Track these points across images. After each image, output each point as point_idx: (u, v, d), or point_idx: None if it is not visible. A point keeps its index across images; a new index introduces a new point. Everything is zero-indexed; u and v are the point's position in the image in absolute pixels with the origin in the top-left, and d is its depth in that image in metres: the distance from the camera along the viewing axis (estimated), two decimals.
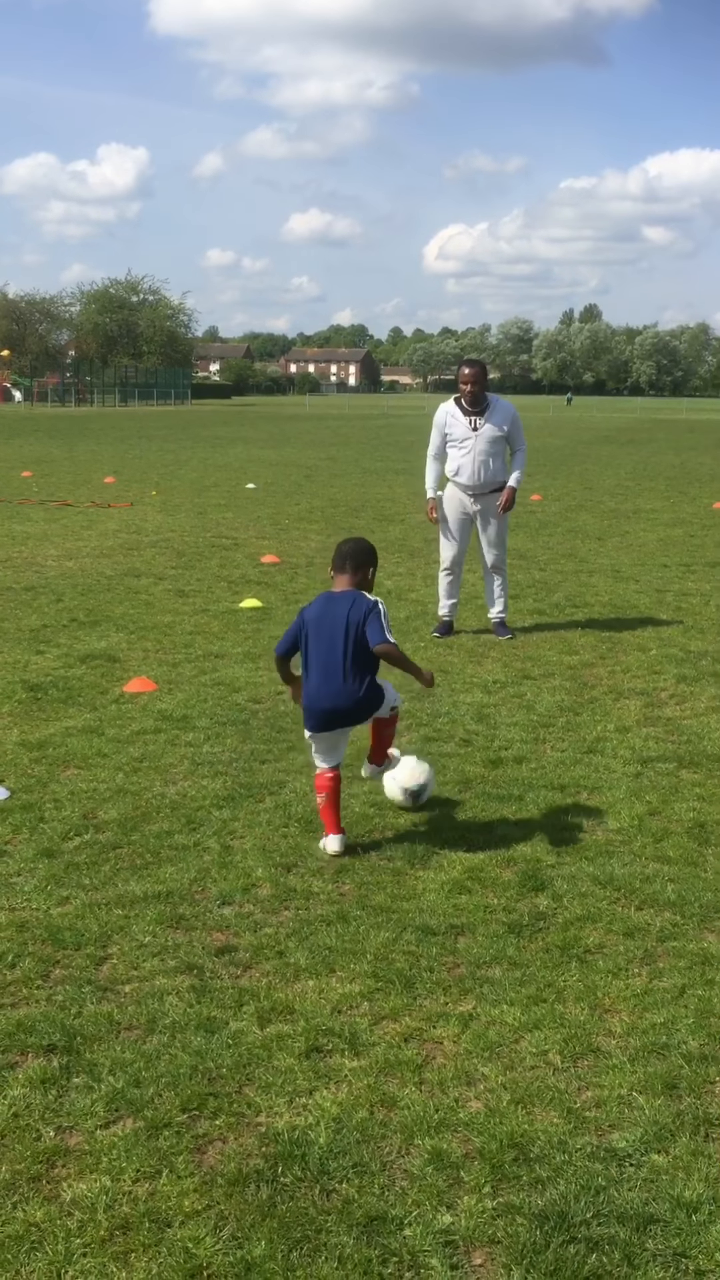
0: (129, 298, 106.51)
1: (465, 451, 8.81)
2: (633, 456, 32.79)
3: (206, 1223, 2.72)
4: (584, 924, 4.25)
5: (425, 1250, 2.64)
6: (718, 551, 13.87)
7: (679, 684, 7.66)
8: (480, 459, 8.79)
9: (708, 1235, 2.68)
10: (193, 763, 5.96)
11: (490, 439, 8.78)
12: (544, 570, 12.29)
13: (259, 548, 13.67)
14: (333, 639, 4.85)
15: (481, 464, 8.81)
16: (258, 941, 4.09)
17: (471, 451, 8.79)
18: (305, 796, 5.48)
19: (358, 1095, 3.21)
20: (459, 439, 8.82)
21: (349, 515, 17.06)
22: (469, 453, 8.80)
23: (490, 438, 8.77)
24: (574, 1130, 3.07)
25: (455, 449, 8.87)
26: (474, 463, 8.81)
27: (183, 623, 9.40)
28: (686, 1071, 3.32)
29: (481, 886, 4.56)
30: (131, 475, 23.88)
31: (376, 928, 4.19)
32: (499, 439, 8.82)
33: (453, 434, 8.85)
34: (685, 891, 4.51)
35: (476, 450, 8.77)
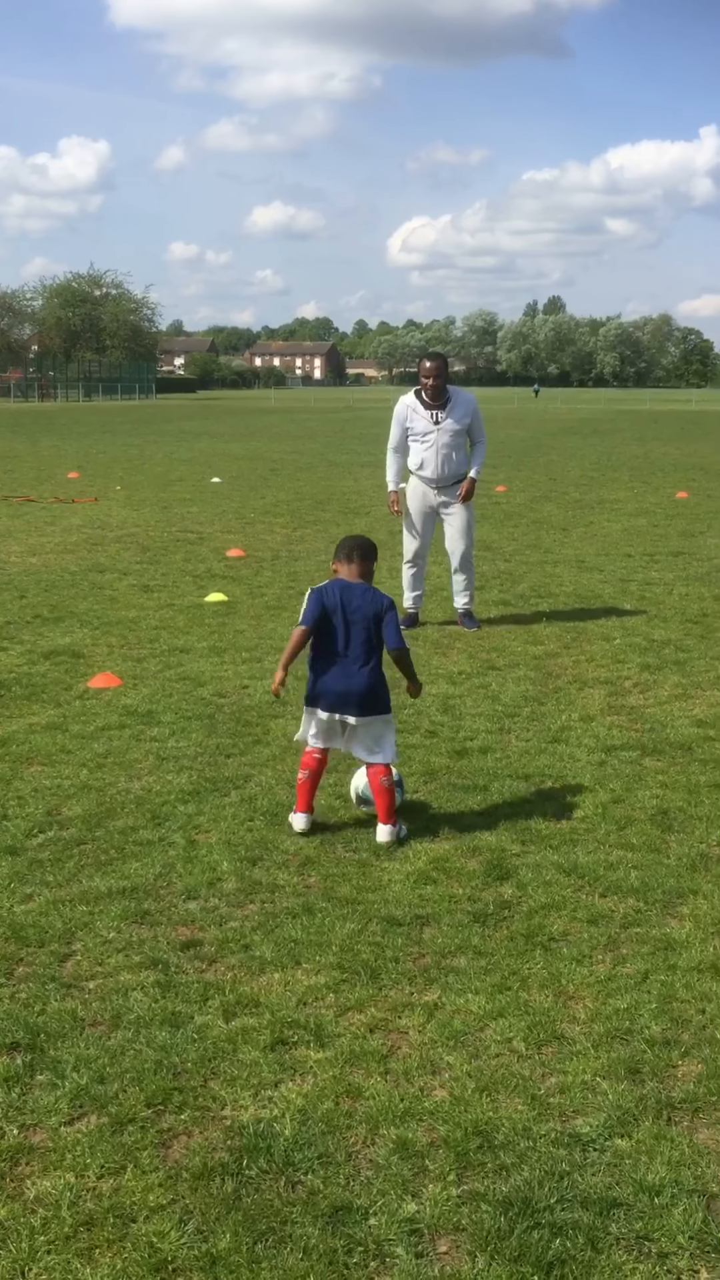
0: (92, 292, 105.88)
1: (428, 445, 8.83)
2: (597, 447, 32.94)
3: (171, 1217, 2.71)
4: (548, 912, 4.27)
5: (390, 1239, 2.65)
6: (681, 541, 13.96)
7: (642, 672, 7.70)
8: (443, 453, 8.81)
9: (670, 1218, 2.71)
10: (157, 758, 5.94)
11: (452, 432, 8.80)
12: (509, 561, 12.33)
13: (224, 542, 13.63)
14: (353, 627, 4.99)
15: (444, 458, 8.83)
16: (223, 935, 4.08)
17: (434, 445, 8.80)
18: (271, 790, 5.48)
19: (323, 1087, 3.21)
20: (421, 433, 8.83)
21: (315, 508, 17.04)
22: (431, 446, 8.82)
23: (452, 431, 8.80)
24: (538, 1117, 3.08)
25: (417, 443, 8.87)
26: (437, 456, 8.82)
27: (147, 618, 9.37)
28: (649, 1056, 3.35)
29: (446, 877, 4.57)
30: (96, 470, 23.74)
31: (342, 919, 4.20)
32: (460, 432, 8.85)
33: (414, 428, 8.86)
34: (648, 878, 4.54)
35: (439, 444, 8.79)
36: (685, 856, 4.76)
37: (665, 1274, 2.57)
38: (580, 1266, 2.57)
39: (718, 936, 4.09)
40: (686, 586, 10.88)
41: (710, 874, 4.60)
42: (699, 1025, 3.52)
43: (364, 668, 4.96)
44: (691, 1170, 2.87)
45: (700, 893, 4.42)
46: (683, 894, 4.42)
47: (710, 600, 10.22)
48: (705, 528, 15.19)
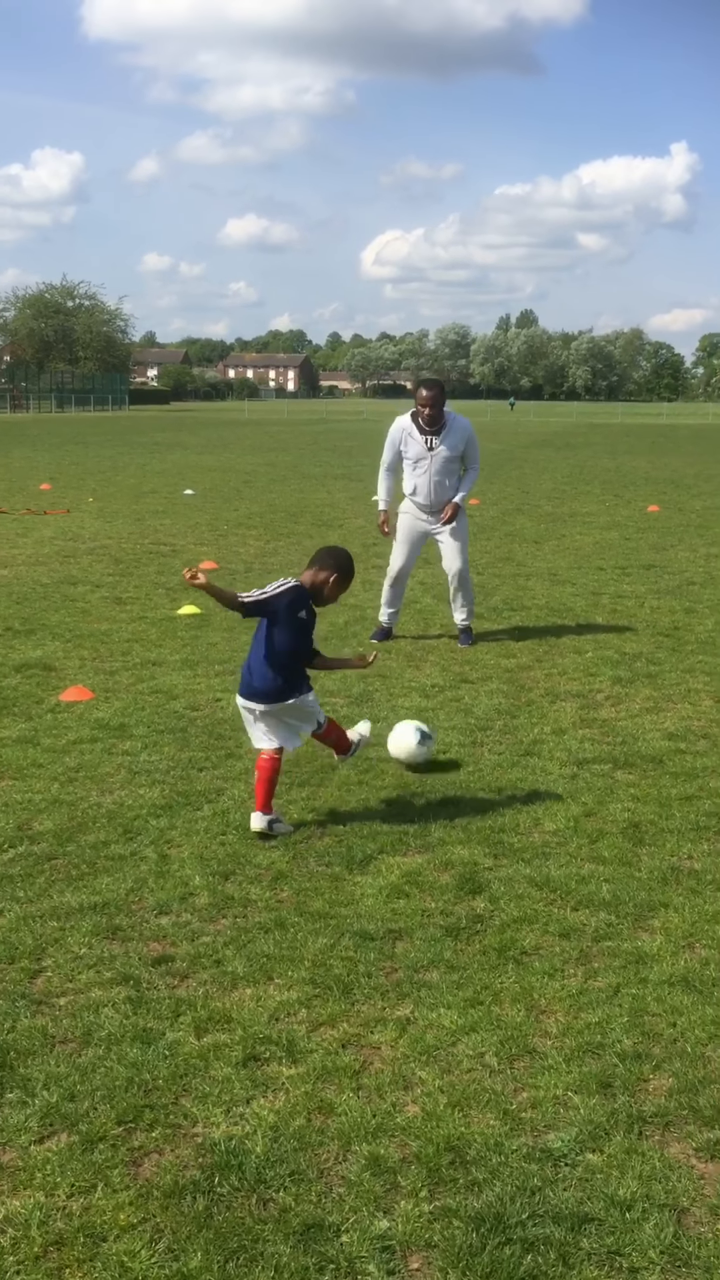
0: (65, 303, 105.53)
1: (421, 472, 8.79)
2: (569, 460, 33.12)
3: (142, 1236, 2.69)
4: (520, 926, 4.28)
5: (362, 1256, 2.64)
6: (652, 554, 14.04)
7: (614, 685, 7.74)
8: (435, 479, 8.77)
9: (641, 1233, 2.71)
10: (130, 771, 5.92)
11: (445, 459, 8.73)
12: (481, 574, 12.36)
13: (197, 554, 13.61)
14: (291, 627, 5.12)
15: (436, 484, 8.78)
16: (195, 951, 4.07)
17: (427, 472, 8.76)
18: (243, 804, 5.46)
19: (295, 1103, 3.20)
20: (414, 458, 8.80)
21: (288, 520, 17.04)
22: (425, 473, 8.78)
23: (445, 458, 8.73)
24: (510, 1132, 3.08)
25: (411, 467, 8.85)
26: (429, 483, 8.78)
27: (120, 630, 9.33)
28: (620, 1070, 3.36)
29: (419, 890, 4.58)
30: (68, 482, 23.66)
31: (314, 934, 4.19)
32: (454, 459, 8.77)
33: (408, 452, 8.82)
34: (620, 891, 4.56)
35: (432, 470, 8.75)
36: (656, 869, 4.78)
37: None
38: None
39: (689, 949, 4.11)
40: (658, 600, 10.94)
41: (681, 887, 4.62)
42: (670, 1039, 3.53)
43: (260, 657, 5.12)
44: (662, 1184, 2.88)
45: (671, 905, 4.44)
46: (654, 907, 4.44)
47: (681, 613, 10.28)
48: (676, 541, 15.29)
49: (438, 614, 10.17)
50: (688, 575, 12.43)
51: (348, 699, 7.33)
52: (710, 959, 4.02)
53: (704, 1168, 2.97)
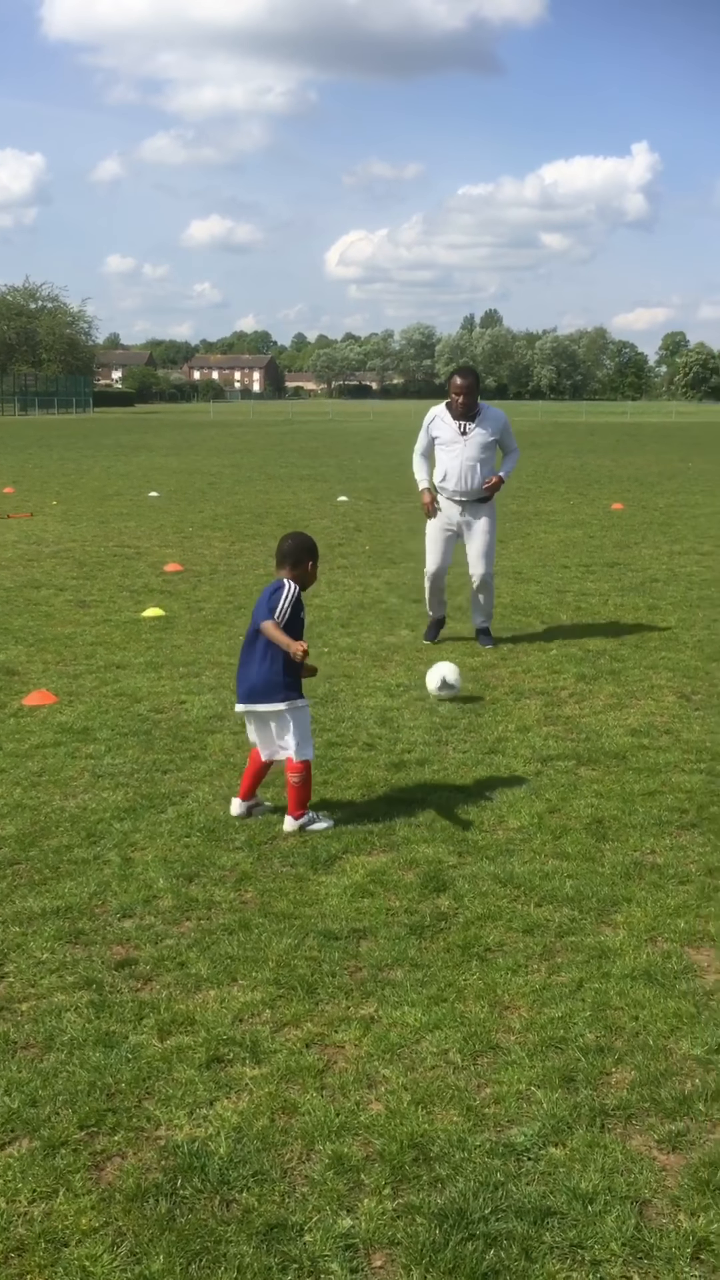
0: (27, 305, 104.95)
1: (453, 456, 8.68)
2: (534, 459, 33.24)
3: (104, 1240, 2.68)
4: (484, 923, 4.29)
5: (325, 1255, 2.64)
6: (616, 552, 14.13)
7: (578, 683, 7.78)
8: (468, 464, 8.64)
9: (603, 1225, 2.73)
10: (93, 775, 5.89)
11: (479, 445, 8.61)
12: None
13: (162, 556, 13.56)
14: (252, 623, 5.21)
15: (469, 469, 8.65)
16: (158, 953, 4.05)
17: (459, 457, 8.64)
18: (208, 805, 5.45)
19: (259, 1103, 3.20)
20: (446, 442, 8.69)
21: (253, 522, 17.02)
22: (456, 457, 8.66)
23: (479, 444, 8.61)
24: (473, 1128, 3.09)
25: (443, 451, 8.74)
26: (460, 468, 8.65)
27: (84, 633, 9.29)
28: (583, 1064, 3.37)
29: (384, 889, 4.58)
30: (31, 485, 23.51)
31: (279, 934, 4.18)
32: (487, 445, 8.65)
33: (440, 437, 8.72)
34: (583, 887, 4.58)
35: (464, 456, 8.62)
36: (619, 865, 4.81)
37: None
38: (514, 1276, 2.58)
39: (651, 943, 4.13)
40: (621, 597, 11.01)
41: (644, 881, 4.65)
42: (632, 1032, 3.56)
43: (261, 662, 5.14)
44: (624, 1177, 2.90)
45: (634, 900, 4.47)
46: (617, 902, 4.46)
47: (645, 610, 10.35)
48: (640, 539, 15.38)
49: (403, 613, 10.18)
50: (651, 573, 12.51)
51: (312, 699, 7.31)
52: (672, 952, 4.05)
53: (665, 1159, 2.98)
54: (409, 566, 12.85)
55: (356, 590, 11.35)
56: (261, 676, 5.14)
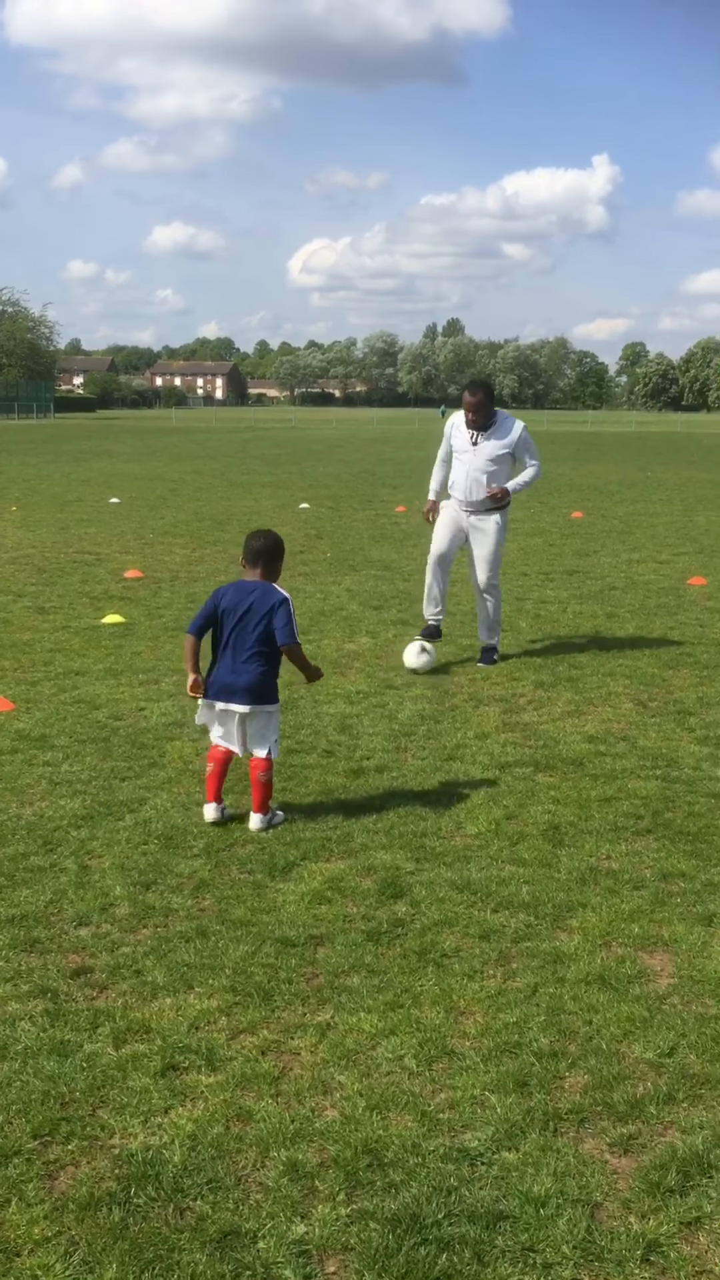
0: None
1: (462, 465, 8.66)
2: None
3: (57, 1249, 2.67)
4: (441, 929, 4.31)
5: (279, 1262, 2.65)
6: (576, 560, 14.23)
7: (536, 690, 7.83)
8: (475, 475, 8.58)
9: (555, 1228, 2.75)
10: (50, 782, 5.86)
11: (488, 456, 8.54)
12: (407, 581, 12.42)
13: (122, 563, 13.51)
14: (244, 624, 5.22)
15: (474, 480, 8.59)
16: (115, 961, 4.04)
17: (467, 466, 8.61)
18: (166, 813, 5.44)
19: (214, 1111, 3.20)
20: (459, 451, 8.69)
21: (215, 529, 16.99)
22: (464, 467, 8.64)
23: (488, 455, 8.54)
24: (428, 1133, 3.11)
25: (455, 461, 8.75)
26: (467, 478, 8.61)
27: (42, 640, 9.23)
28: (537, 1069, 3.40)
29: (341, 896, 4.59)
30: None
31: (236, 942, 4.18)
32: (498, 457, 8.56)
33: (455, 445, 8.73)
34: (539, 892, 4.61)
35: (472, 466, 8.58)
36: (575, 870, 4.84)
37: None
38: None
39: (605, 948, 4.17)
40: (580, 605, 11.09)
41: (600, 887, 4.69)
42: (586, 1036, 3.59)
43: (250, 662, 5.21)
44: (576, 1180, 2.92)
45: (589, 905, 4.51)
46: (572, 907, 4.50)
47: (603, 618, 10.43)
48: (599, 547, 15.50)
49: (363, 620, 10.20)
50: (609, 580, 12.61)
51: None
52: (626, 957, 4.09)
53: (617, 1162, 3.01)
54: (370, 574, 12.89)
55: (318, 597, 11.36)
56: (259, 678, 5.23)
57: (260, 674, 5.24)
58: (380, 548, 15.25)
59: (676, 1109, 3.23)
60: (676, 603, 11.28)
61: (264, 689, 5.27)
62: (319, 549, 14.93)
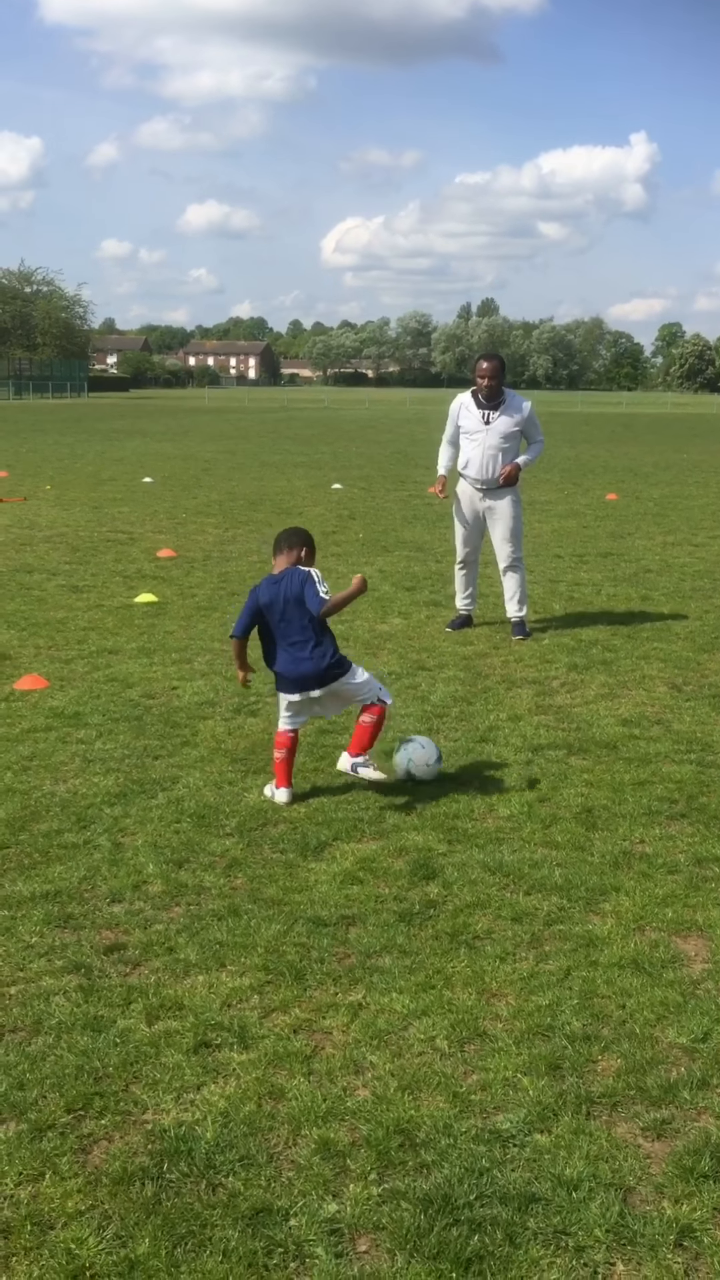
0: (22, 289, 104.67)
1: (476, 444, 8.69)
2: None
3: (90, 1223, 2.69)
4: (473, 910, 4.30)
5: (310, 1240, 2.65)
6: (610, 542, 14.13)
7: (570, 672, 7.79)
8: (490, 453, 8.64)
9: (588, 1212, 2.74)
10: (84, 760, 5.89)
11: (502, 434, 8.61)
12: (440, 562, 12.37)
13: (155, 542, 13.54)
14: (286, 614, 5.32)
15: (491, 458, 8.65)
16: (147, 938, 4.06)
17: (481, 445, 8.65)
18: (198, 791, 5.45)
19: (246, 1088, 3.21)
20: (470, 431, 8.71)
21: (247, 509, 16.99)
22: (479, 446, 8.67)
23: (502, 433, 8.61)
24: (459, 1114, 3.10)
25: (467, 441, 8.75)
26: (483, 456, 8.66)
27: (76, 618, 9.27)
28: (569, 1052, 3.39)
29: (373, 877, 4.59)
30: (25, 470, 23.45)
31: (268, 920, 4.19)
32: (511, 434, 8.64)
33: (465, 425, 8.74)
34: (572, 875, 4.59)
35: (487, 444, 8.63)
36: (608, 854, 4.82)
37: (582, 1268, 2.60)
38: (498, 1262, 2.59)
39: (639, 932, 4.14)
40: (614, 587, 11.02)
41: (633, 871, 4.66)
42: (619, 1020, 3.57)
43: (311, 648, 5.30)
44: (609, 1164, 2.91)
45: (622, 889, 4.48)
46: (605, 891, 4.47)
47: (637, 601, 10.36)
48: (634, 529, 15.39)
49: (396, 601, 10.18)
50: (644, 563, 12.51)
51: None
52: (659, 941, 4.07)
53: (650, 1147, 3.00)
54: (402, 554, 12.85)
55: (350, 578, 11.32)
56: (317, 658, 5.31)
57: (317, 654, 5.31)
58: (413, 529, 15.21)
59: (710, 1094, 3.21)
60: (712, 586, 11.18)
61: (328, 666, 5.33)
62: (351, 530, 14.91)
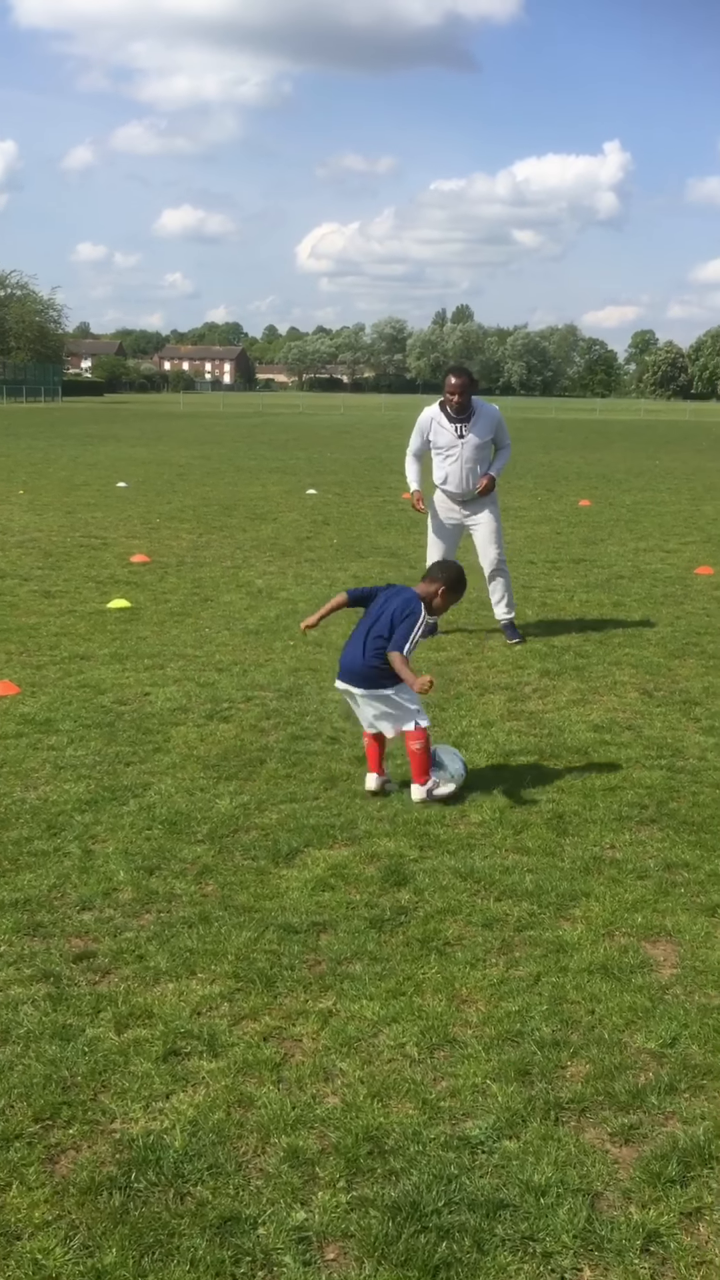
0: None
1: (452, 460, 8.72)
2: None
3: (57, 1233, 2.68)
4: (444, 916, 4.30)
5: (278, 1248, 2.65)
6: (583, 548, 14.19)
7: (542, 678, 7.81)
8: (467, 467, 8.70)
9: (555, 1218, 2.75)
10: (55, 766, 5.86)
11: (476, 446, 8.66)
12: (414, 568, 12.38)
13: (129, 547, 13.50)
14: (378, 617, 5.50)
15: (469, 472, 8.71)
16: (117, 946, 4.04)
17: (458, 460, 8.70)
18: (170, 798, 5.44)
19: (215, 1096, 3.20)
20: (444, 446, 8.73)
21: (221, 514, 16.97)
22: (455, 460, 8.71)
23: (476, 445, 8.66)
24: (429, 1121, 3.11)
25: (440, 456, 8.78)
26: (461, 470, 8.71)
27: (48, 624, 9.23)
28: (539, 1057, 3.39)
29: (344, 883, 4.59)
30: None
31: (239, 928, 4.18)
32: (485, 445, 8.69)
33: (437, 441, 8.76)
34: (543, 881, 4.60)
35: (463, 458, 8.68)
36: (579, 859, 4.84)
37: (549, 1273, 2.61)
38: (466, 1269, 2.59)
39: (609, 938, 4.16)
40: (587, 594, 11.06)
41: (603, 876, 4.68)
42: (588, 1026, 3.58)
43: (370, 656, 5.41)
44: (577, 1169, 2.92)
45: (593, 895, 4.50)
46: (576, 896, 4.49)
47: (609, 607, 10.41)
48: (606, 535, 15.46)
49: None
50: (616, 569, 12.58)
51: (277, 692, 7.32)
52: (629, 946, 4.08)
53: (618, 1152, 3.01)
54: (376, 560, 12.86)
55: (324, 584, 11.34)
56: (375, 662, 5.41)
57: (375, 664, 5.40)
58: (387, 534, 15.23)
59: (678, 1099, 3.22)
60: (683, 592, 11.25)
61: (379, 675, 5.40)
62: (325, 535, 14.91)
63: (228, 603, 10.21)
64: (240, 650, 8.44)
